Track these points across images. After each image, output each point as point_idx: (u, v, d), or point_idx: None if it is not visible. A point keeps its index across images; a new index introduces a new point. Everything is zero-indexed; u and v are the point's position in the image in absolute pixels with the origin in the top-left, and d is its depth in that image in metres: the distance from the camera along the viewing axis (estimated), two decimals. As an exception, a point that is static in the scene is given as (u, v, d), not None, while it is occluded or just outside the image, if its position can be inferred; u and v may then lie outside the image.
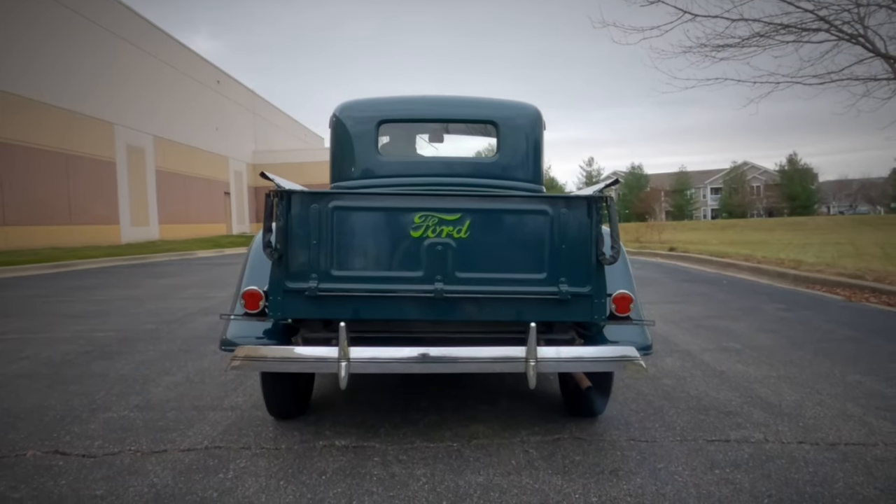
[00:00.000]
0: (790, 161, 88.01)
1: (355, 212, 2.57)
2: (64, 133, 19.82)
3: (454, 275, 2.53)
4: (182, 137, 28.10)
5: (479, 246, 2.54)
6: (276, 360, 2.57)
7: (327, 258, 2.52)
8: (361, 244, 2.56)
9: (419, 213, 2.53)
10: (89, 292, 9.27)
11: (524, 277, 2.56)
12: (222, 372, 4.11)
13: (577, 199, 2.57)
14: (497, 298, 2.55)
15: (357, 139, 3.94)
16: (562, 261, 2.55)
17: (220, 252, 23.86)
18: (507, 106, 4.16)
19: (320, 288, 2.50)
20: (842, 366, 4.20)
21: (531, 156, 4.01)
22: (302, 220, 2.51)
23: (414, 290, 2.53)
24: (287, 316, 2.60)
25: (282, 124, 43.89)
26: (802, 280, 8.60)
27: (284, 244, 2.49)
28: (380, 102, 4.28)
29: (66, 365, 4.43)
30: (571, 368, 2.73)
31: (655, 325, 5.67)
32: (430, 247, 2.53)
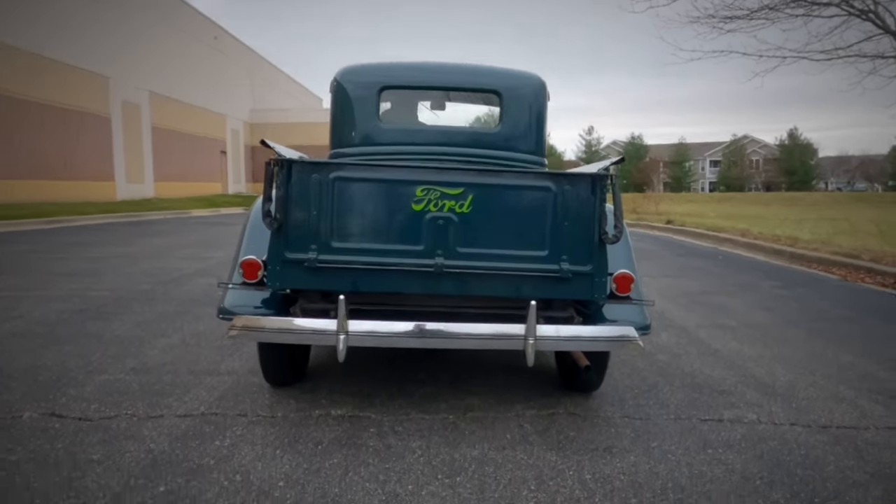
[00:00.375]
0: (791, 136, 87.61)
1: (357, 183, 2.52)
2: (60, 86, 19.48)
3: (455, 249, 2.50)
4: (178, 94, 27.69)
5: (481, 221, 2.51)
6: (274, 330, 2.56)
7: (327, 229, 2.49)
8: (362, 216, 2.53)
9: (421, 186, 2.48)
10: (84, 249, 9.22)
11: (525, 254, 2.54)
12: (219, 336, 4.11)
13: (581, 176, 2.54)
14: (497, 275, 2.53)
15: (358, 105, 3.87)
16: (564, 239, 2.52)
17: (215, 211, 23.76)
18: (511, 75, 4.09)
19: (320, 259, 2.47)
20: (835, 346, 4.23)
21: (534, 127, 3.96)
22: (302, 191, 2.47)
23: (414, 264, 2.49)
24: (285, 287, 2.59)
25: (279, 83, 43.27)
26: (798, 258, 8.62)
27: (284, 214, 2.45)
28: (382, 68, 4.20)
29: (60, 324, 4.42)
30: (570, 347, 2.74)
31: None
32: (432, 221, 2.49)
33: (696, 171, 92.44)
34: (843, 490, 2.23)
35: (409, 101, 4.50)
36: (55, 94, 19.38)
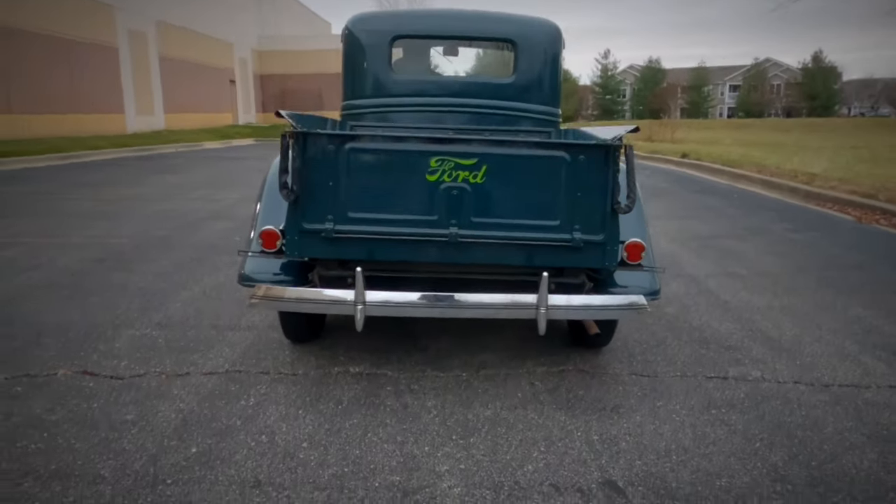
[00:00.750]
0: (815, 59, 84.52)
1: (371, 154, 2.55)
2: (64, 16, 19.10)
3: (469, 219, 2.53)
4: (185, 22, 27.06)
5: (495, 191, 2.53)
6: (293, 300, 2.64)
7: (343, 200, 2.52)
8: (377, 187, 2.55)
9: (435, 157, 2.49)
10: (99, 190, 9.31)
11: (538, 224, 2.56)
12: (238, 289, 4.21)
13: (595, 147, 2.53)
14: (510, 244, 2.57)
15: (370, 54, 3.87)
16: (577, 208, 2.54)
17: (226, 143, 23.68)
18: (526, 22, 4.06)
19: (336, 229, 2.52)
20: (844, 297, 4.27)
21: (548, 77, 3.96)
22: (318, 162, 2.49)
23: (429, 234, 2.54)
24: (304, 255, 2.66)
25: (287, 7, 42.03)
26: (814, 197, 8.55)
27: (301, 186, 2.48)
28: (394, 16, 4.25)
29: (83, 275, 4.55)
30: (580, 316, 2.82)
31: (663, 245, 5.74)
32: (446, 191, 2.51)
33: (715, 96, 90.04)
34: (840, 453, 2.34)
35: (422, 49, 4.46)
36: (61, 26, 19.03)
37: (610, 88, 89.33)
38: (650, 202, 8.60)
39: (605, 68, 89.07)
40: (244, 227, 6.21)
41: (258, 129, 30.62)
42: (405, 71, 4.17)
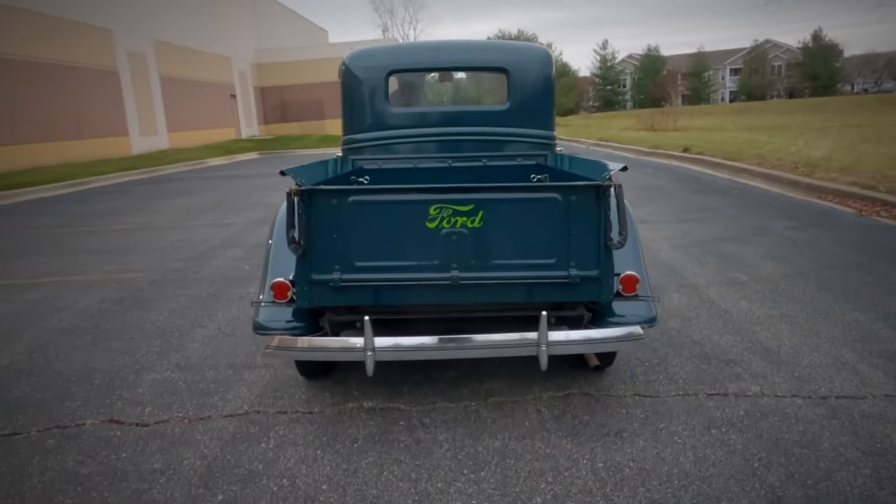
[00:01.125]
0: (815, 38, 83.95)
1: (373, 206, 2.67)
2: (63, 43, 19.37)
3: (469, 262, 2.65)
4: (183, 40, 27.33)
5: (493, 234, 2.64)
6: (306, 349, 2.79)
7: (348, 250, 2.65)
8: (381, 236, 2.67)
9: (434, 205, 2.61)
10: (110, 219, 9.50)
11: (535, 262, 2.68)
12: (250, 321, 4.36)
13: (586, 187, 2.64)
14: (510, 283, 2.70)
15: (368, 89, 4.06)
16: (571, 246, 2.64)
17: (231, 159, 23.90)
18: (517, 50, 4.24)
19: (343, 279, 2.65)
20: (843, 301, 4.36)
21: (542, 102, 4.10)
22: (323, 216, 2.61)
23: (431, 278, 2.66)
24: (313, 305, 2.79)
25: (283, 19, 42.28)
26: (815, 189, 8.61)
27: (308, 239, 2.61)
28: (389, 51, 4.40)
29: (103, 316, 4.70)
30: (580, 350, 2.93)
31: (665, 252, 5.84)
32: (446, 236, 2.62)
33: (716, 81, 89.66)
34: (835, 470, 2.44)
35: (418, 82, 4.61)
36: (61, 53, 19.31)
37: (610, 79, 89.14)
38: (653, 203, 8.69)
39: (604, 59, 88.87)
40: (253, 256, 6.40)
41: (261, 142, 30.87)
42: (402, 103, 4.34)
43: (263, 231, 7.81)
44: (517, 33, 64.01)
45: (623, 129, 43.25)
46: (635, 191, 10.01)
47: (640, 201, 8.91)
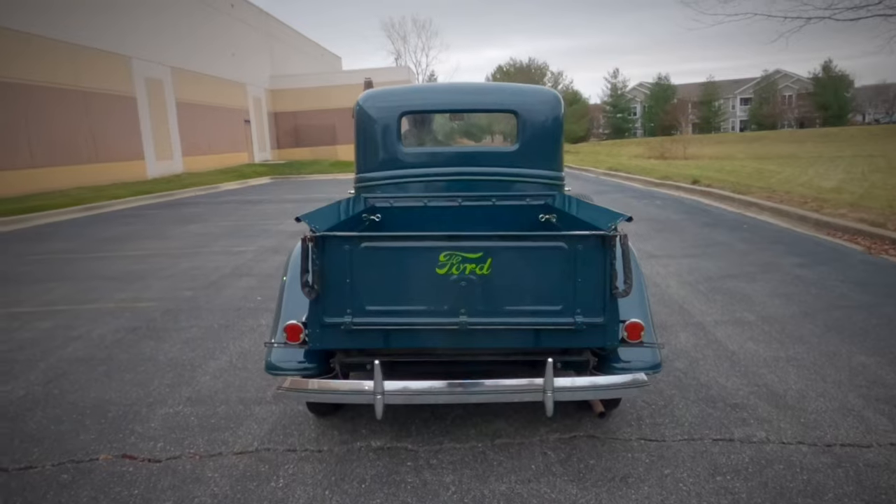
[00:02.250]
0: (825, 69, 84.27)
1: (384, 251, 2.74)
2: (83, 70, 19.82)
3: (477, 308, 2.71)
4: (199, 67, 27.85)
5: (501, 281, 2.70)
6: (317, 391, 2.85)
7: (360, 294, 2.72)
8: (391, 281, 2.74)
9: (444, 252, 2.69)
10: (124, 245, 9.64)
11: (542, 309, 2.74)
12: (262, 359, 4.42)
13: (592, 237, 2.70)
14: (517, 329, 2.76)
15: (380, 129, 4.17)
16: (578, 293, 2.71)
17: (243, 183, 24.17)
18: (527, 93, 4.33)
19: (354, 322, 2.72)
20: (850, 343, 4.38)
21: (551, 144, 4.20)
22: (335, 261, 2.69)
23: (440, 323, 2.74)
24: (325, 347, 2.86)
25: (298, 45, 43.01)
26: (824, 225, 8.62)
27: (321, 283, 2.68)
28: (402, 93, 4.52)
29: (117, 346, 4.78)
30: (584, 397, 2.93)
31: (673, 289, 5.87)
32: (455, 283, 2.70)
33: (726, 109, 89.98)
34: (839, 521, 2.46)
35: (429, 122, 4.70)
36: (80, 79, 19.73)
37: (620, 107, 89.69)
38: (661, 236, 8.73)
39: (615, 87, 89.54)
40: (265, 286, 6.49)
41: (274, 166, 31.21)
42: (414, 143, 4.44)
43: (275, 259, 7.92)
44: (528, 62, 64.67)
45: (633, 156, 43.40)
46: (644, 223, 10.06)
47: (648, 234, 8.96)
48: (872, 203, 10.75)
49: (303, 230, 2.71)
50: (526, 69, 64.44)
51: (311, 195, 18.34)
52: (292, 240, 9.39)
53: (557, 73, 66.67)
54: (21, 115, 17.30)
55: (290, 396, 2.83)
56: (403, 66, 61.50)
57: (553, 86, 65.19)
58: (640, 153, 44.09)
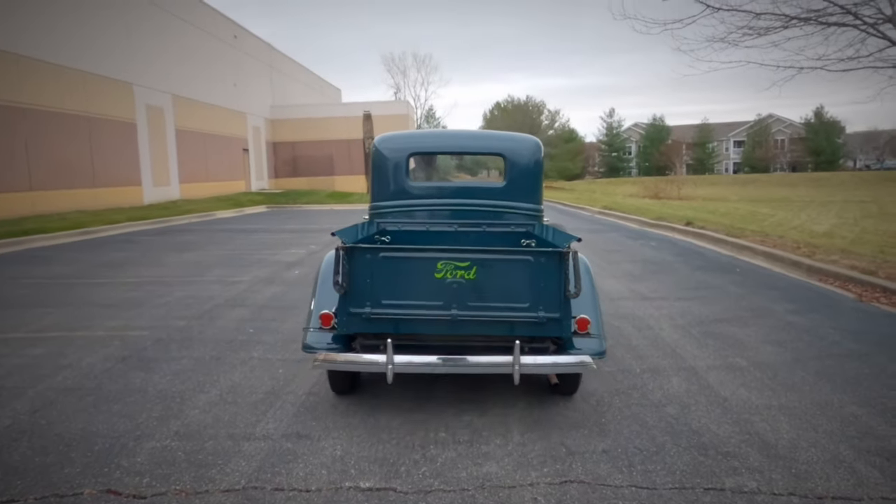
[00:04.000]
0: (817, 114, 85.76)
1: (396, 260, 3.63)
2: (85, 96, 20.00)
3: (465, 304, 3.58)
4: (200, 95, 28.14)
5: (483, 283, 3.57)
6: (344, 362, 3.76)
7: (377, 291, 3.58)
8: (401, 282, 3.61)
9: (440, 261, 3.55)
10: (118, 271, 9.62)
11: (514, 306, 3.61)
12: (253, 391, 4.40)
13: (551, 252, 3.61)
14: (495, 321, 3.63)
15: (392, 166, 5.00)
16: (540, 295, 3.56)
17: (239, 212, 24.23)
18: (513, 139, 5.20)
19: (372, 313, 3.60)
20: (841, 392, 4.38)
21: (532, 182, 5.01)
22: (359, 266, 3.57)
23: (437, 315, 3.61)
24: (350, 332, 3.74)
25: (298, 77, 43.58)
26: (816, 271, 8.69)
27: (348, 283, 3.57)
28: (410, 136, 5.45)
29: (106, 376, 4.74)
30: (542, 371, 3.87)
31: (666, 332, 5.89)
32: (448, 284, 3.56)
33: (720, 152, 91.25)
34: (830, 578, 2.43)
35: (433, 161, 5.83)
36: (82, 104, 19.90)
37: (616, 146, 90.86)
38: (655, 278, 8.78)
39: (610, 126, 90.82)
40: (258, 317, 6.49)
41: (270, 195, 31.33)
42: (419, 178, 5.34)
43: (269, 290, 7.92)
44: (525, 99, 65.59)
45: (628, 195, 43.73)
46: (639, 263, 10.12)
47: (643, 275, 9.01)
48: (863, 249, 10.86)
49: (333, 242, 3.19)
50: (523, 106, 65.29)
51: (307, 225, 18.39)
52: (287, 271, 9.43)
53: (554, 111, 67.52)
54: (21, 138, 17.39)
55: (323, 367, 3.71)
56: (403, 100, 62.30)
57: (550, 123, 66.02)
58: (635, 192, 44.49)
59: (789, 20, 8.11)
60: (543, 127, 64.75)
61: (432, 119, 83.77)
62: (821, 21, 7.85)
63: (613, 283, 8.38)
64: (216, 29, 30.31)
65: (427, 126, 79.69)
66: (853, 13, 8.09)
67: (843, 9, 7.95)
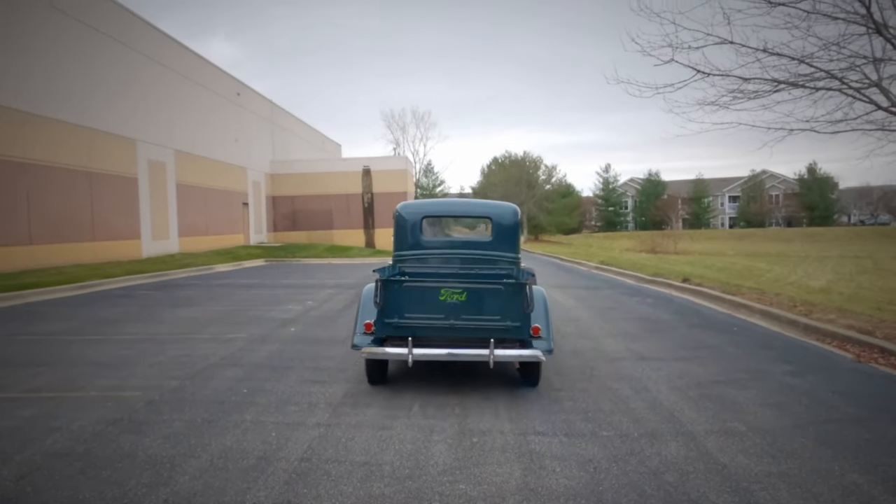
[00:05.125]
0: (810, 171, 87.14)
1: (415, 288, 5.70)
2: (87, 151, 20.30)
3: (459, 316, 5.55)
4: (202, 150, 28.58)
5: (471, 303, 5.55)
6: (380, 354, 5.67)
7: (401, 308, 5.58)
8: (417, 302, 5.62)
9: (443, 288, 5.58)
10: (114, 328, 9.58)
11: (490, 318, 5.56)
12: (244, 457, 4.33)
13: (515, 284, 5.61)
14: (479, 328, 5.54)
15: (410, 225, 6.75)
16: (508, 311, 5.53)
17: (238, 265, 24.27)
18: (497, 206, 7.01)
19: (399, 321, 5.58)
20: (841, 459, 4.32)
21: (512, 237, 6.76)
22: (390, 292, 5.60)
23: (440, 323, 5.59)
24: (383, 335, 5.68)
25: (299, 132, 44.35)
26: (813, 331, 8.68)
27: (382, 301, 5.58)
28: (424, 204, 7.24)
29: (96, 440, 4.67)
30: (508, 359, 5.75)
31: (664, 394, 5.85)
32: (448, 304, 5.53)
33: (715, 206, 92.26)
34: None
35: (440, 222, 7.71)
36: (84, 160, 20.20)
37: (612, 201, 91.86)
38: (652, 337, 8.74)
39: (607, 181, 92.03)
40: (252, 377, 6.46)
41: (269, 249, 31.45)
42: (430, 234, 7.09)
43: (264, 349, 7.90)
44: (523, 154, 66.62)
45: (625, 249, 43.91)
46: (636, 322, 10.10)
47: (640, 335, 8.98)
48: (860, 306, 10.87)
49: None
50: (520, 161, 66.24)
51: (304, 280, 18.40)
52: (283, 328, 9.40)
53: (551, 166, 68.48)
54: (23, 192, 17.57)
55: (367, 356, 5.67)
56: (402, 155, 63.16)
57: (547, 178, 66.80)
58: (632, 247, 44.72)
59: (778, 85, 8.34)
60: (541, 182, 65.52)
61: (430, 174, 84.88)
62: (808, 86, 8.07)
63: (611, 343, 8.35)
64: (219, 86, 31.02)
65: (426, 180, 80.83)
66: (839, 78, 8.33)
67: (830, 74, 8.19)
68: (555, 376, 6.47)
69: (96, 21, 20.87)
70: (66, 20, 19.33)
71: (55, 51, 18.89)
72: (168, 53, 25.81)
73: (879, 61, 8.12)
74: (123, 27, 22.52)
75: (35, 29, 18.11)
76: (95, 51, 20.83)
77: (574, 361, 7.22)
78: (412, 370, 6.47)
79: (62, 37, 19.21)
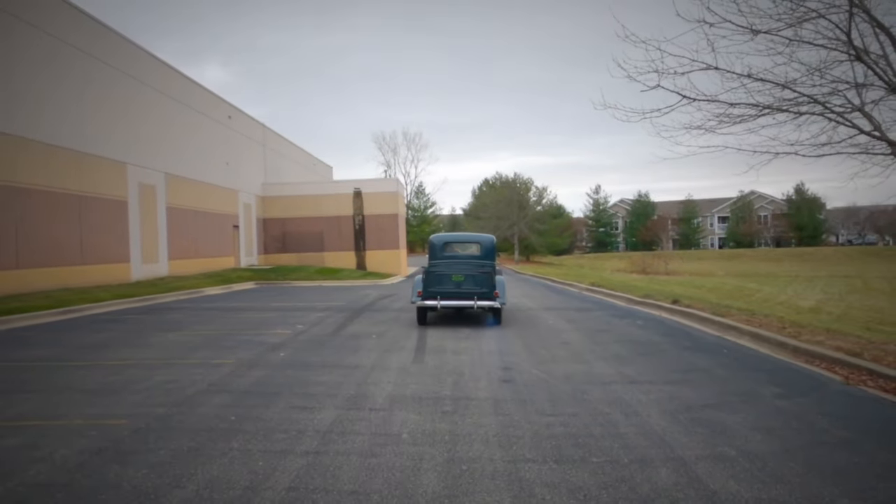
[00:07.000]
0: (797, 191, 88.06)
1: (440, 274, 12.57)
2: (77, 175, 20.25)
3: (461, 287, 12.42)
4: (193, 174, 28.57)
5: (467, 281, 12.39)
6: (425, 305, 12.58)
7: (434, 284, 12.48)
8: (441, 281, 12.47)
9: (454, 274, 12.52)
10: (100, 354, 9.48)
11: (477, 288, 12.35)
12: (231, 486, 4.27)
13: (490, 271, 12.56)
14: (471, 293, 12.33)
15: (437, 248, 13.98)
16: (485, 284, 12.37)
17: (227, 288, 24.15)
18: (482, 237, 14.72)
19: (432, 290, 12.47)
20: (832, 484, 4.31)
21: (490, 252, 14.12)
22: (429, 276, 12.60)
23: (452, 291, 12.48)
24: (426, 298, 12.48)
25: (291, 155, 44.47)
26: (802, 352, 8.70)
27: (425, 280, 12.56)
28: (445, 235, 15.07)
29: (80, 471, 4.60)
30: (483, 307, 12.51)
31: (654, 419, 5.83)
32: (456, 281, 12.45)
33: (705, 227, 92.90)
34: None
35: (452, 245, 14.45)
36: (74, 183, 20.13)
37: (602, 221, 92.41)
38: (642, 360, 8.74)
39: (597, 203, 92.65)
40: (240, 404, 6.40)
41: (259, 271, 31.32)
42: (447, 252, 14.06)
43: (253, 374, 7.84)
44: (514, 176, 67.03)
45: (615, 270, 44.05)
46: (626, 344, 10.11)
47: (630, 357, 8.98)
48: (849, 327, 10.93)
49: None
50: (511, 183, 66.66)
51: (294, 303, 18.32)
52: (272, 353, 9.35)
53: (542, 188, 68.86)
54: (12, 216, 17.47)
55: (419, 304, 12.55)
56: (393, 177, 63.31)
57: (538, 199, 67.20)
58: (623, 267, 44.85)
59: (762, 109, 8.45)
60: (532, 203, 65.89)
61: (422, 195, 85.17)
62: (792, 111, 8.19)
63: (602, 366, 8.34)
64: (211, 110, 31.12)
65: (417, 201, 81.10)
66: (822, 103, 8.45)
67: (813, 99, 8.31)
68: (547, 403, 6.45)
69: (87, 45, 20.94)
70: (57, 44, 19.39)
71: (46, 75, 18.92)
72: (160, 77, 25.91)
73: (861, 86, 8.25)
74: (114, 51, 22.61)
75: (26, 53, 18.15)
76: (88, 75, 20.88)
77: (565, 386, 7.20)
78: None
79: (53, 61, 19.25)
